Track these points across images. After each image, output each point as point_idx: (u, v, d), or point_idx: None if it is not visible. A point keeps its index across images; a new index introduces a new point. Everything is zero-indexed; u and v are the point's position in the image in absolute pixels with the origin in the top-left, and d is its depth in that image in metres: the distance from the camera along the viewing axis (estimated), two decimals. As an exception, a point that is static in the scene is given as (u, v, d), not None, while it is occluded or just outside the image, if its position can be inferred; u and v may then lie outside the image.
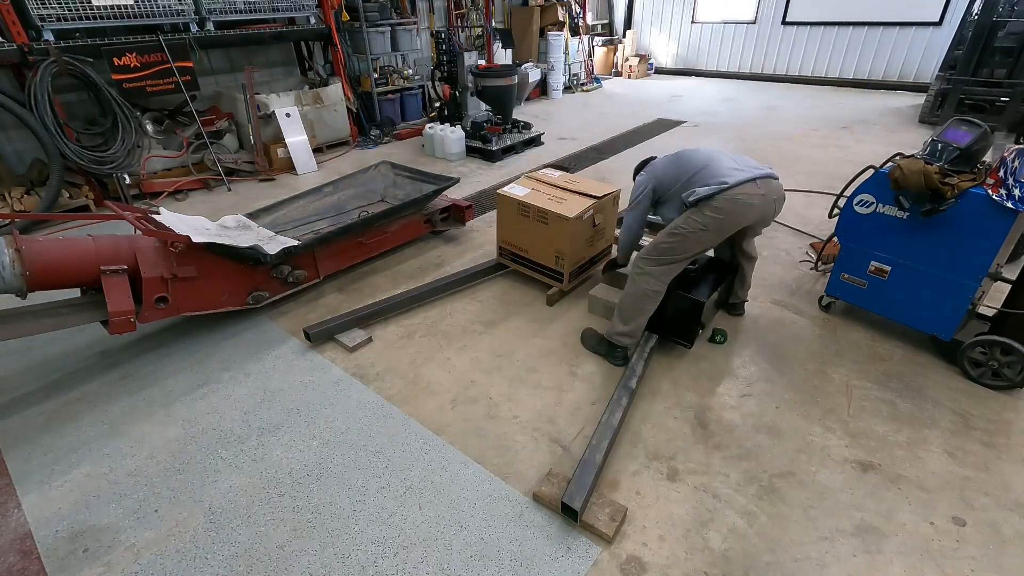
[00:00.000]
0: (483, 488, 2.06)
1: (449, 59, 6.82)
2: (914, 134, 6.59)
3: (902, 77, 9.15)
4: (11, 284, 2.31)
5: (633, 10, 12.07)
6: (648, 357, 2.63)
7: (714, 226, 2.40)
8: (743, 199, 2.37)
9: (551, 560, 1.79)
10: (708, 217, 2.39)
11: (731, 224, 2.43)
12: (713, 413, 2.40)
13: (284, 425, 2.38)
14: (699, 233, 2.42)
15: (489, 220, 4.39)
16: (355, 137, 6.78)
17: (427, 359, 2.80)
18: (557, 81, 9.52)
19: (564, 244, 3.05)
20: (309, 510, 1.99)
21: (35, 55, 4.15)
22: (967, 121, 2.46)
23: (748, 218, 2.44)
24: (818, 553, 1.80)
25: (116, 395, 2.59)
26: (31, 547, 1.87)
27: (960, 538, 1.85)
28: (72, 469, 2.18)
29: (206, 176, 5.33)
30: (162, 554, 1.84)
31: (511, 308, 3.24)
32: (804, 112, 8.00)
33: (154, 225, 2.84)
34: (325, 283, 3.51)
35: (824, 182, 5.06)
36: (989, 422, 2.32)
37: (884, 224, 2.62)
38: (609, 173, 5.58)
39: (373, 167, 4.38)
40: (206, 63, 5.79)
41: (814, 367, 2.68)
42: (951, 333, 2.56)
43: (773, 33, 10.24)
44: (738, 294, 3.02)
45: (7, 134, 4.73)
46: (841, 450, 2.20)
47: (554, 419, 2.38)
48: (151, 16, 4.72)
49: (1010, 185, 2.19)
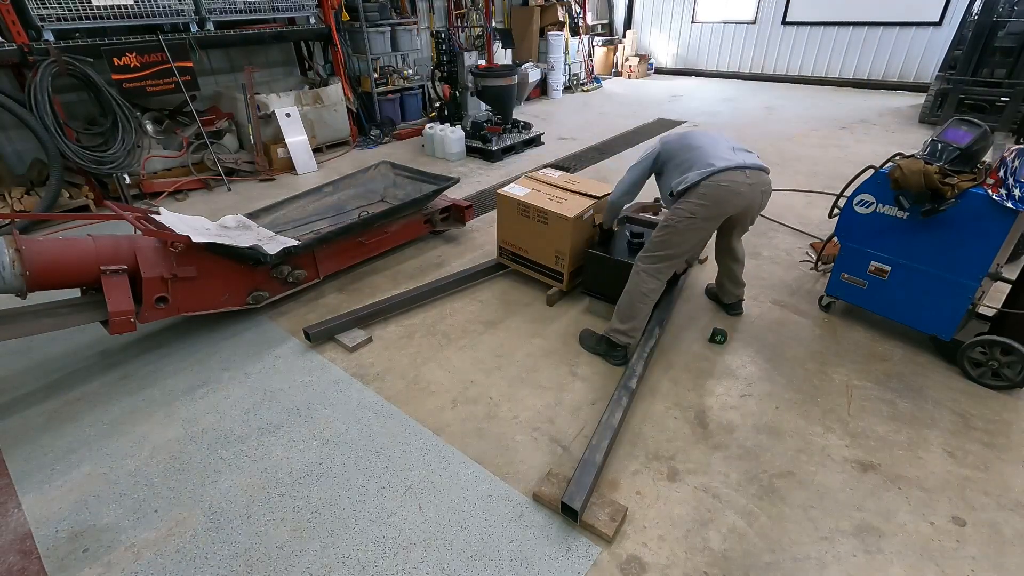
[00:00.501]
0: (483, 488, 2.06)
1: (449, 59, 6.82)
2: (914, 134, 6.59)
3: (902, 77, 9.15)
4: (11, 284, 2.31)
5: (633, 10, 12.07)
6: (648, 357, 2.63)
7: (702, 213, 2.41)
8: (729, 186, 2.38)
9: (551, 560, 1.79)
10: (694, 204, 2.40)
11: (718, 212, 2.44)
12: (713, 413, 2.40)
13: (284, 425, 2.38)
14: (688, 222, 2.43)
15: (489, 220, 4.39)
16: (355, 137, 6.78)
17: (427, 359, 2.80)
18: (557, 81, 9.52)
19: (564, 244, 3.05)
20: (309, 510, 1.99)
21: (35, 55, 4.15)
22: (967, 121, 2.46)
23: (735, 205, 2.45)
24: (818, 553, 1.80)
25: (116, 395, 2.59)
26: (31, 547, 1.87)
27: (960, 538, 1.85)
28: (72, 469, 2.18)
29: (206, 176, 5.33)
30: (162, 554, 1.84)
31: (511, 308, 3.24)
32: (804, 112, 8.00)
33: (154, 225, 2.84)
34: (325, 283, 3.51)
35: (824, 182, 5.06)
36: (989, 422, 2.32)
37: (884, 224, 2.62)
38: (609, 173, 5.58)
39: (373, 167, 4.38)
40: (206, 63, 5.79)
41: (814, 367, 2.68)
42: (951, 333, 2.56)
43: (773, 33, 10.24)
44: (733, 293, 3.02)
45: (7, 134, 4.73)
46: (841, 450, 2.20)
47: (554, 419, 2.38)
48: (151, 16, 4.72)
49: (1010, 185, 2.19)
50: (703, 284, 3.37)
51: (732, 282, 2.98)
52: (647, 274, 2.55)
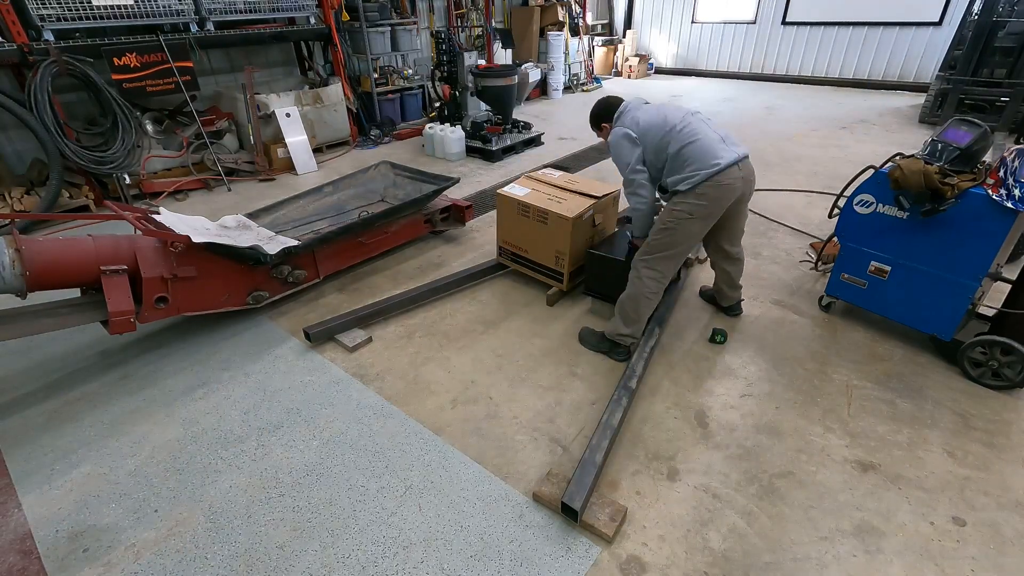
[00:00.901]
0: (483, 488, 2.06)
1: (449, 59, 6.82)
2: (914, 134, 6.59)
3: (902, 77, 9.15)
4: (11, 284, 2.31)
5: (633, 10, 12.07)
6: (648, 357, 2.63)
7: (700, 212, 2.41)
8: (727, 183, 2.38)
9: (551, 560, 1.79)
10: (693, 204, 2.40)
11: (715, 210, 2.44)
12: (713, 413, 2.40)
13: (284, 425, 2.38)
14: (685, 222, 2.43)
15: (489, 220, 4.39)
16: (355, 137, 6.78)
17: (427, 359, 2.80)
18: (557, 81, 9.52)
19: (564, 244, 3.05)
20: (309, 510, 1.99)
21: (35, 55, 4.15)
22: (967, 121, 2.46)
23: (730, 200, 2.46)
24: (818, 553, 1.80)
25: (116, 395, 2.59)
26: (31, 547, 1.87)
27: (960, 538, 1.85)
28: (72, 469, 2.18)
29: (206, 176, 5.33)
30: (162, 554, 1.84)
31: (511, 308, 3.24)
32: (804, 112, 8.00)
33: (154, 225, 2.84)
34: (325, 283, 3.51)
35: (824, 182, 5.06)
36: (989, 422, 2.32)
37: (884, 224, 2.62)
38: (609, 173, 5.57)
39: (373, 167, 4.38)
40: (206, 63, 5.79)
41: (814, 367, 2.68)
42: (951, 333, 2.56)
43: (773, 33, 10.24)
44: (730, 295, 3.02)
45: (7, 134, 4.73)
46: (841, 450, 2.20)
47: (554, 419, 2.38)
48: (151, 16, 4.72)
49: (1010, 185, 2.19)
50: (701, 285, 3.36)
51: (729, 286, 2.98)
52: (648, 275, 2.55)
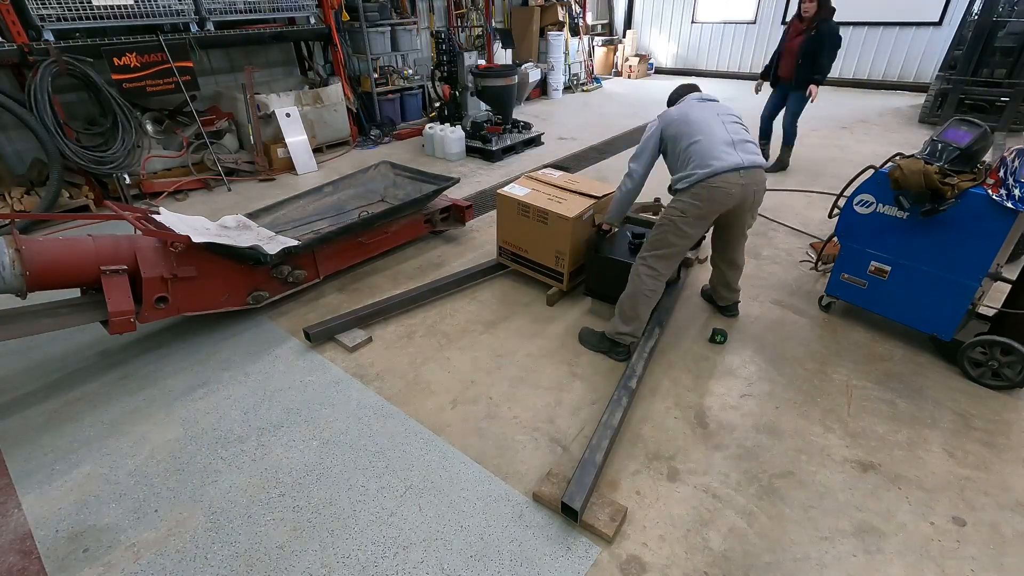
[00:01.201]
0: (483, 488, 2.06)
1: (449, 59, 6.82)
2: (914, 134, 6.59)
3: (902, 77, 9.16)
4: (11, 284, 2.31)
5: (633, 10, 12.07)
6: (648, 357, 2.63)
7: (693, 212, 2.42)
8: (723, 187, 2.38)
9: (551, 560, 1.79)
10: (687, 203, 2.42)
11: (710, 210, 2.44)
12: (713, 413, 2.40)
13: (284, 425, 2.38)
14: (679, 221, 2.45)
15: (489, 220, 4.39)
16: (355, 137, 6.78)
17: (427, 359, 2.80)
18: (557, 81, 9.52)
19: (564, 244, 3.05)
20: (309, 510, 1.99)
21: (35, 55, 4.15)
22: (967, 121, 2.46)
23: (725, 204, 2.45)
24: (818, 553, 1.80)
25: (116, 395, 2.59)
26: (31, 547, 1.87)
27: (960, 538, 1.85)
28: (72, 469, 2.18)
29: (206, 176, 5.32)
30: (162, 554, 1.84)
31: (511, 308, 3.24)
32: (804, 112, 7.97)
33: (154, 225, 2.83)
34: (325, 283, 3.51)
35: (824, 182, 5.06)
36: (989, 422, 2.32)
37: (884, 224, 2.62)
38: (609, 173, 5.58)
39: (373, 167, 4.38)
40: (206, 63, 5.79)
41: (814, 367, 2.68)
42: (951, 333, 2.56)
43: (773, 33, 10.23)
44: (726, 296, 3.03)
45: (7, 134, 4.73)
46: (841, 450, 2.20)
47: (554, 419, 2.38)
48: (151, 16, 4.72)
49: (1010, 185, 2.19)
50: (702, 284, 3.36)
51: (726, 287, 2.99)
52: (645, 273, 2.56)
